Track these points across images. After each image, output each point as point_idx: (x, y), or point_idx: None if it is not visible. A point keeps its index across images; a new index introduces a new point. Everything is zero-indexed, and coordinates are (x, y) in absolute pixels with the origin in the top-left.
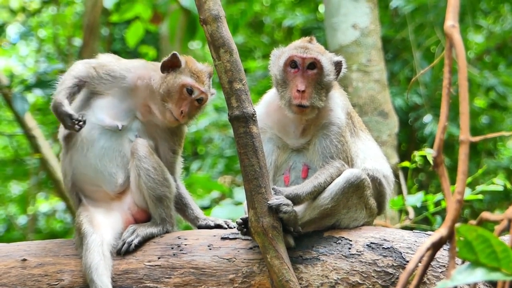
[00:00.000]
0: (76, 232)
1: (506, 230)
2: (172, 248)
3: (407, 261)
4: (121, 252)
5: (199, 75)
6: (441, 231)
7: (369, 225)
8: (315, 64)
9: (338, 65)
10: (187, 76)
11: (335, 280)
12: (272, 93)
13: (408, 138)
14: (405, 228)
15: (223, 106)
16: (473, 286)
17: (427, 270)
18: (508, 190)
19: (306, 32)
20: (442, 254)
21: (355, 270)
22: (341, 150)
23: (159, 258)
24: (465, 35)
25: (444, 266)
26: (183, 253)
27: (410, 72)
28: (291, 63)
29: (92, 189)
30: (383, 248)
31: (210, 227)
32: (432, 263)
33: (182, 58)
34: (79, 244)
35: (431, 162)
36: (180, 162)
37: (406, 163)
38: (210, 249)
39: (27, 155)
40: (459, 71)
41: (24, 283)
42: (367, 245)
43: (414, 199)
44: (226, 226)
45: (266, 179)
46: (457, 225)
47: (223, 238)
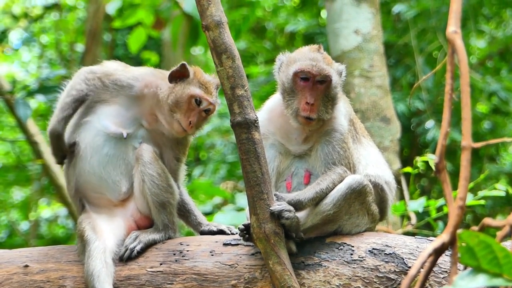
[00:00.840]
0: (79, 239)
1: (508, 236)
2: (174, 254)
3: (409, 267)
4: (124, 259)
5: (207, 86)
6: (443, 237)
7: (371, 231)
8: (326, 79)
9: (342, 74)
10: (196, 87)
11: (337, 286)
12: (275, 99)
13: (410, 144)
14: (407, 234)
15: (226, 112)
16: None
17: (429, 276)
18: (510, 196)
19: (309, 38)
20: (444, 260)
21: (357, 276)
22: (343, 157)
23: (161, 264)
24: (467, 40)
25: (446, 272)
26: (185, 259)
27: (412, 78)
28: (302, 75)
29: (95, 196)
30: (385, 254)
31: (213, 233)
32: (434, 269)
33: (191, 69)
34: (82, 251)
35: (433, 168)
36: (184, 169)
37: (408, 169)
38: (212, 255)
39: (29, 161)
40: (461, 77)
41: None
42: (369, 251)
43: (416, 205)
44: (229, 232)
45: (268, 185)
46: (459, 231)
47: (225, 244)
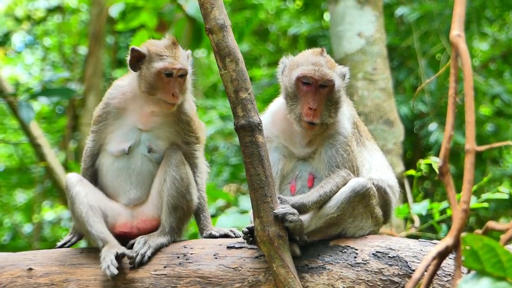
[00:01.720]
0: (66, 191)
1: None
2: (178, 257)
3: (413, 270)
4: (135, 264)
5: (167, 54)
6: (447, 240)
7: (375, 234)
8: (328, 84)
9: (345, 77)
10: (158, 61)
11: None
12: (278, 102)
13: (414, 147)
14: (411, 237)
15: (229, 115)
16: None
17: (433, 279)
18: None
19: (312, 40)
20: (448, 263)
21: (361, 279)
22: (347, 160)
23: (165, 267)
24: (470, 43)
25: (450, 275)
26: (189, 262)
27: (416, 80)
28: (304, 80)
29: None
30: (389, 257)
31: (214, 237)
32: (438, 272)
33: (143, 47)
34: (70, 208)
35: (437, 171)
36: (203, 159)
37: (412, 172)
38: (216, 258)
39: (33, 164)
40: (465, 81)
41: None
42: (373, 254)
43: (420, 208)
44: (233, 235)
45: (272, 188)
46: (463, 234)
47: (229, 247)
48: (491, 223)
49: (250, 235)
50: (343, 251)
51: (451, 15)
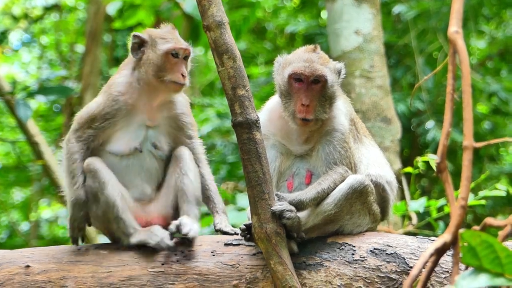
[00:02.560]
0: (88, 175)
1: (510, 236)
2: (176, 255)
3: (411, 267)
4: (191, 238)
5: (170, 36)
6: (445, 237)
7: (373, 231)
8: (320, 79)
9: (340, 73)
10: (163, 43)
11: (339, 286)
12: (275, 100)
13: (411, 144)
14: (408, 234)
15: (226, 112)
16: None
17: (431, 276)
18: (511, 196)
19: (309, 38)
20: (446, 260)
21: (359, 276)
22: (345, 156)
23: (163, 265)
24: (468, 41)
25: (448, 272)
26: (187, 259)
27: (413, 78)
28: (296, 77)
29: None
30: (387, 254)
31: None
32: (436, 269)
33: (144, 33)
34: (92, 193)
35: (434, 168)
36: (201, 147)
37: (409, 169)
38: (214, 255)
39: (30, 162)
40: (463, 77)
41: None
42: (371, 251)
43: (417, 205)
44: (233, 232)
45: (270, 185)
46: (461, 231)
47: (227, 244)
48: (489, 220)
49: (248, 232)
50: (341, 248)
51: (448, 13)
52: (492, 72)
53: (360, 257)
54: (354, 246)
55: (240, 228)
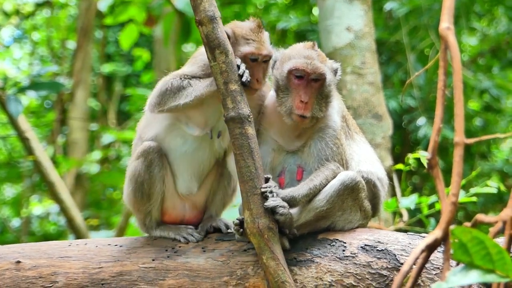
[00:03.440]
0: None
1: (501, 232)
2: (166, 250)
3: (401, 263)
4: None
5: (254, 38)
6: (436, 233)
7: (364, 227)
8: (320, 77)
9: (336, 72)
10: (244, 46)
11: (329, 282)
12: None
13: (402, 141)
14: (399, 230)
15: None
16: None
17: (422, 272)
18: (502, 193)
19: (300, 35)
20: (436, 256)
21: (349, 272)
22: (336, 153)
23: (153, 260)
24: (459, 38)
25: (439, 268)
26: (177, 255)
27: (404, 75)
28: (296, 73)
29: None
30: (377, 250)
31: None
32: (427, 265)
33: (227, 29)
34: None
35: (425, 165)
36: None
37: (400, 166)
38: (204, 251)
39: (21, 158)
40: (454, 73)
41: (18, 285)
42: (361, 247)
43: (408, 201)
44: (226, 230)
45: (262, 180)
46: (452, 227)
47: (217, 240)
48: (480, 216)
49: (241, 227)
50: (332, 244)
51: (440, 10)
52: (484, 69)
53: (351, 254)
54: (345, 243)
55: (234, 223)
